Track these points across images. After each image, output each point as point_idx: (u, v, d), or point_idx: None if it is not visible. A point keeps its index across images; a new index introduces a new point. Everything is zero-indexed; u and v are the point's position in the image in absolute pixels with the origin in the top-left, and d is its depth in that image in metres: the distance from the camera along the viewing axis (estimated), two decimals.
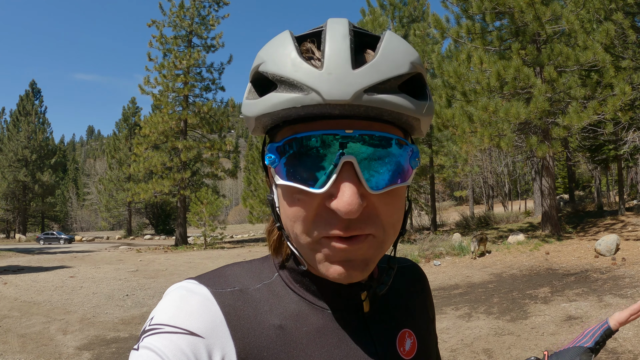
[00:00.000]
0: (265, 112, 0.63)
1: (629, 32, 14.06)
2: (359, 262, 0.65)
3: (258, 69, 0.65)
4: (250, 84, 0.69)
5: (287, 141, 0.64)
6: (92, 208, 78.99)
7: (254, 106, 0.65)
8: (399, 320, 0.82)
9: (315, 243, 0.65)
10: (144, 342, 0.63)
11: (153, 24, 33.54)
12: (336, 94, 0.58)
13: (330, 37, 0.62)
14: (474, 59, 14.67)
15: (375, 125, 0.64)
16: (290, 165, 0.64)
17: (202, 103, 33.70)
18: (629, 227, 15.58)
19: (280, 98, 0.61)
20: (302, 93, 0.59)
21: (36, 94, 58.58)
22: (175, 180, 32.50)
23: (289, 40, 0.64)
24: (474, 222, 25.72)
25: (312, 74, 0.59)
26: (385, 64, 0.62)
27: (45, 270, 17.65)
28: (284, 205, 0.67)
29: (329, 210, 0.63)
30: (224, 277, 0.74)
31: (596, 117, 13.16)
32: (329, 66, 0.59)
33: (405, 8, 25.00)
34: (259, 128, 0.69)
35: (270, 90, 0.65)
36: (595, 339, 0.89)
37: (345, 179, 0.61)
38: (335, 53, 0.60)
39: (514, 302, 8.73)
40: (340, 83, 0.59)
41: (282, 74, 0.61)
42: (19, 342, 7.74)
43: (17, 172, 53.63)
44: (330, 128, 0.62)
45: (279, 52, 0.63)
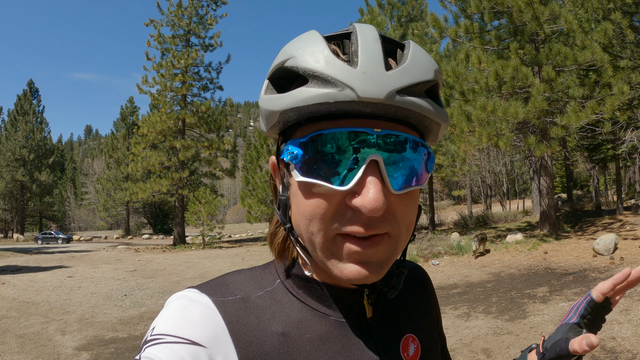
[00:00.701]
0: (293, 106, 0.62)
1: (627, 32, 14.07)
2: (374, 264, 0.65)
3: (284, 64, 0.65)
4: (268, 81, 0.70)
5: (313, 137, 0.63)
6: (90, 208, 78.91)
7: (279, 100, 0.64)
8: (402, 325, 0.82)
9: (330, 242, 0.65)
10: (145, 352, 0.62)
11: (151, 23, 33.52)
12: (371, 92, 0.59)
13: (363, 39, 0.63)
14: (473, 58, 14.68)
15: (399, 126, 0.65)
16: (313, 161, 0.63)
17: (200, 102, 33.69)
18: (627, 226, 15.59)
19: (312, 93, 0.60)
20: (336, 89, 0.59)
21: (34, 93, 58.57)
22: (174, 179, 32.49)
23: (320, 38, 0.65)
24: (472, 221, 25.74)
25: (347, 71, 0.60)
26: (415, 68, 0.64)
27: (43, 270, 17.63)
28: (301, 202, 0.66)
29: (349, 207, 0.63)
30: (225, 286, 0.74)
31: (594, 116, 13.17)
32: (364, 65, 0.60)
33: (403, 7, 24.97)
34: (279, 124, 0.68)
35: (291, 87, 0.65)
36: (580, 313, 0.89)
37: (371, 177, 0.61)
38: (369, 53, 0.62)
39: (513, 301, 8.74)
40: (375, 82, 0.60)
41: (315, 68, 0.61)
42: (18, 343, 7.73)
43: (15, 172, 53.61)
44: (358, 126, 0.62)
45: (310, 48, 0.63)
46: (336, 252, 0.65)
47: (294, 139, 0.66)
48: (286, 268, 0.78)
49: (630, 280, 0.86)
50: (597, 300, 0.88)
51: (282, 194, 0.72)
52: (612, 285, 0.87)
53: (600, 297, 0.88)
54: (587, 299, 0.89)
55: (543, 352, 0.90)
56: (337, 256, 0.65)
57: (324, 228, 0.64)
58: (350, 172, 0.62)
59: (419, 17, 25.15)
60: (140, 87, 33.30)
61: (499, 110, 13.49)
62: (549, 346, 0.89)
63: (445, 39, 16.82)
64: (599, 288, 0.88)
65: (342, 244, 0.64)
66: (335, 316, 0.75)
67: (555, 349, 0.87)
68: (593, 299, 0.88)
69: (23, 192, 55.74)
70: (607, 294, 0.87)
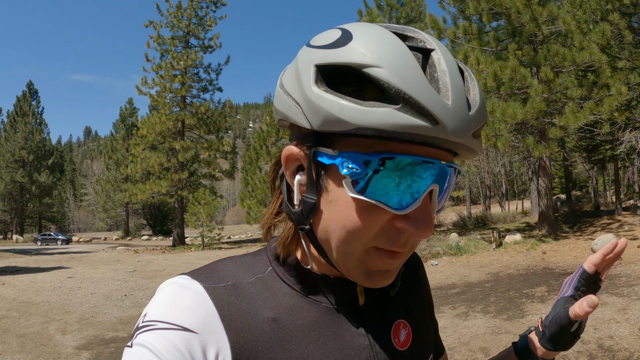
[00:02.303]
0: (378, 127, 0.57)
1: (625, 33, 14.10)
2: (393, 270, 0.69)
3: (364, 69, 0.59)
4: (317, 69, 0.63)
5: (384, 159, 0.60)
6: (90, 209, 78.91)
7: (360, 114, 0.58)
8: (394, 311, 0.83)
9: (364, 253, 0.66)
10: (137, 339, 0.62)
11: (150, 24, 33.53)
12: (459, 134, 0.59)
13: (450, 68, 0.61)
14: (471, 59, 14.68)
15: (450, 156, 0.66)
16: (376, 181, 0.61)
17: (199, 104, 33.69)
18: (626, 226, 15.62)
19: (405, 120, 0.56)
20: (429, 123, 0.57)
21: (33, 94, 58.45)
22: (173, 180, 32.47)
23: (410, 53, 0.60)
24: (471, 222, 25.70)
25: (442, 107, 0.58)
26: (483, 109, 0.64)
27: (43, 270, 17.63)
28: (344, 214, 0.64)
29: (394, 227, 0.64)
30: (216, 272, 0.74)
31: (592, 117, 13.19)
32: (455, 103, 0.59)
33: (402, 9, 24.99)
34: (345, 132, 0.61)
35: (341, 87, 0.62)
36: (574, 285, 0.92)
37: (425, 205, 0.64)
38: (458, 90, 0.60)
39: (511, 301, 8.75)
40: (461, 122, 0.59)
41: (412, 94, 0.57)
42: (18, 342, 7.74)
43: (14, 173, 53.51)
44: (428, 155, 0.62)
45: (404, 64, 0.58)
46: (366, 262, 0.67)
47: (355, 152, 0.62)
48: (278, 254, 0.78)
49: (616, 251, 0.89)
50: (589, 271, 0.91)
51: (309, 195, 0.68)
52: (602, 255, 0.89)
53: (592, 268, 0.90)
54: (580, 271, 0.92)
55: (543, 330, 0.93)
56: (366, 266, 0.67)
57: (365, 243, 0.65)
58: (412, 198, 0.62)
59: (418, 18, 25.16)
60: (139, 88, 33.27)
61: (498, 111, 13.50)
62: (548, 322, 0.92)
63: (444, 40, 16.82)
64: (590, 259, 0.91)
65: (375, 256, 0.66)
66: (327, 303, 0.75)
67: (556, 321, 0.90)
68: (585, 270, 0.91)
69: (22, 193, 55.63)
70: (598, 264, 0.90)
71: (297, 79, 0.65)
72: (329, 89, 0.61)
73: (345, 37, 0.62)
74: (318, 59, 0.62)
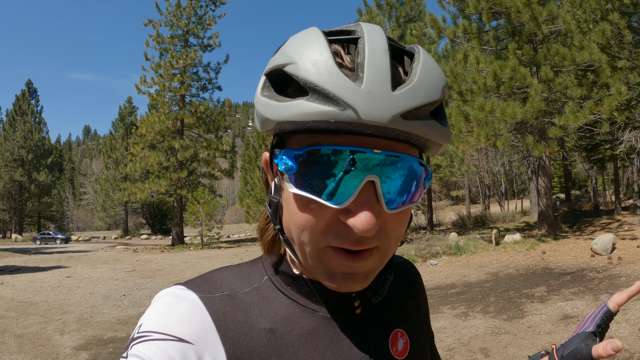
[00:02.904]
0: (291, 119, 0.59)
1: (625, 32, 14.08)
2: (360, 275, 0.66)
3: (284, 68, 0.61)
4: (266, 78, 0.65)
5: (310, 151, 0.60)
6: (89, 208, 78.92)
7: (277, 109, 0.60)
8: (391, 320, 0.82)
9: (320, 251, 0.65)
10: (132, 350, 0.62)
11: (149, 23, 33.51)
12: (374, 115, 0.56)
13: (371, 50, 0.60)
14: (471, 58, 14.69)
15: (398, 145, 0.63)
16: (308, 175, 0.61)
17: (198, 103, 33.68)
18: (625, 226, 15.61)
19: (312, 109, 0.57)
20: (337, 108, 0.56)
21: (32, 93, 58.43)
22: (172, 180, 32.46)
23: (324, 44, 0.60)
24: (470, 221, 25.72)
25: (351, 90, 0.57)
26: (422, 88, 0.61)
27: (42, 270, 17.63)
28: (293, 212, 0.65)
29: (341, 223, 0.62)
30: (212, 282, 0.74)
31: (592, 117, 13.19)
32: (369, 84, 0.57)
33: (401, 8, 24.96)
34: (274, 130, 0.65)
35: (288, 90, 0.63)
36: (597, 323, 0.89)
37: (366, 197, 0.61)
38: (376, 70, 0.58)
39: (511, 301, 8.74)
40: (379, 104, 0.57)
41: (316, 82, 0.57)
42: (16, 343, 7.73)
43: (14, 172, 53.52)
44: (357, 144, 0.61)
45: (313, 56, 0.59)
46: (325, 262, 0.65)
47: (289, 148, 0.63)
48: (274, 264, 0.78)
49: None
50: (614, 311, 0.88)
51: (273, 195, 0.71)
52: (627, 297, 0.87)
53: (616, 308, 0.88)
54: (604, 309, 0.90)
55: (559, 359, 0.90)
56: (326, 266, 0.65)
57: (315, 240, 0.64)
58: (346, 190, 0.60)
59: (418, 17, 25.15)
60: (138, 87, 33.28)
61: (497, 110, 13.50)
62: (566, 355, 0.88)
63: (444, 39, 16.85)
64: (615, 300, 0.88)
65: (332, 256, 0.64)
66: (324, 312, 0.75)
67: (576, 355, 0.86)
68: (610, 309, 0.89)
69: (21, 192, 55.64)
70: (622, 304, 0.88)
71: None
72: (272, 93, 0.63)
73: (282, 44, 0.66)
74: (266, 68, 0.66)
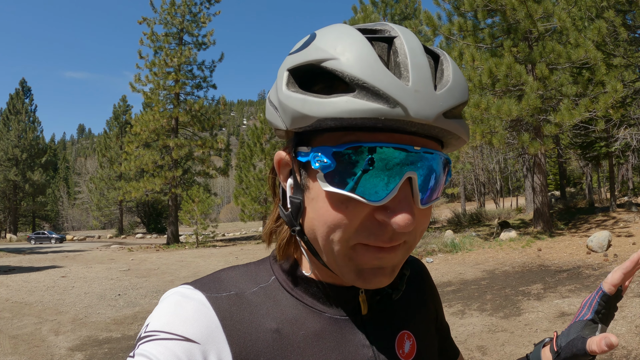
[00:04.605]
0: (336, 116, 0.58)
1: (621, 30, 14.13)
2: (389, 268, 0.67)
3: (322, 63, 0.60)
4: (289, 74, 0.65)
5: (351, 148, 0.60)
6: (83, 207, 78.69)
7: (318, 106, 0.59)
8: (398, 321, 0.82)
9: (350, 249, 0.65)
10: (139, 349, 0.62)
11: (144, 21, 33.40)
12: (422, 113, 0.58)
13: (411, 50, 0.60)
14: (466, 56, 14.69)
15: (430, 143, 0.65)
16: (346, 172, 0.61)
17: (193, 101, 33.64)
18: (621, 223, 15.66)
19: (362, 106, 0.57)
20: (387, 105, 0.57)
21: (26, 92, 58.25)
22: (167, 178, 32.42)
23: (366, 41, 0.60)
24: (466, 219, 25.78)
25: (400, 88, 0.57)
26: (457, 89, 0.63)
27: (36, 270, 17.56)
28: (324, 210, 0.64)
29: (375, 220, 0.62)
30: (219, 282, 0.73)
31: (588, 114, 13.21)
32: (415, 82, 0.58)
33: (397, 5, 24.98)
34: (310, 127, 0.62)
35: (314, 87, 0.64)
36: (594, 309, 0.87)
37: (405, 194, 0.62)
38: (420, 69, 0.59)
39: (507, 298, 8.75)
40: (426, 102, 0.58)
41: (366, 79, 0.57)
42: (11, 344, 7.68)
43: (8, 172, 53.34)
44: (398, 142, 0.61)
45: (359, 52, 0.59)
46: (355, 259, 0.65)
47: (325, 145, 0.63)
48: (282, 265, 0.78)
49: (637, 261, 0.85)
50: (610, 293, 0.86)
51: (295, 196, 0.69)
52: (622, 275, 0.85)
53: (612, 290, 0.86)
54: (600, 293, 0.87)
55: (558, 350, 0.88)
56: (355, 263, 0.65)
57: (347, 238, 0.64)
58: (386, 188, 0.61)
59: (413, 15, 25.17)
60: (133, 85, 33.19)
61: (493, 107, 13.51)
62: (564, 345, 0.87)
63: (439, 36, 16.87)
64: (609, 280, 0.86)
65: (363, 253, 0.64)
66: (330, 313, 0.75)
67: (572, 348, 0.85)
68: (605, 292, 0.86)
69: (16, 191, 55.47)
70: (618, 284, 0.86)
71: (275, 86, 0.68)
72: (299, 89, 0.63)
73: (311, 39, 0.65)
74: (289, 64, 0.65)
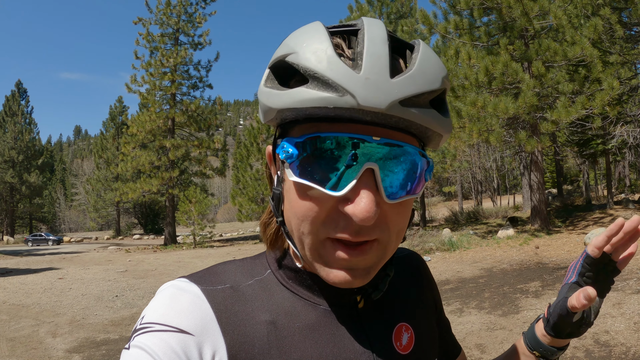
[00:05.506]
0: (291, 106, 0.60)
1: (617, 27, 14.14)
2: (361, 270, 0.66)
3: (285, 58, 0.62)
4: (269, 71, 0.67)
5: (310, 138, 0.61)
6: (80, 208, 78.55)
7: (278, 97, 0.62)
8: (395, 314, 0.82)
9: (319, 244, 0.65)
10: (134, 341, 0.63)
11: (139, 21, 33.38)
12: (372, 101, 0.57)
13: (370, 39, 0.60)
14: (462, 54, 14.70)
15: (397, 134, 0.63)
16: (308, 163, 0.62)
17: (189, 101, 33.62)
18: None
19: (312, 95, 0.58)
20: (336, 94, 0.57)
21: (22, 94, 58.05)
22: (164, 179, 32.40)
23: (325, 34, 0.61)
24: (463, 217, 25.77)
25: (349, 76, 0.57)
26: (420, 76, 0.61)
27: (33, 272, 17.50)
28: (294, 202, 0.65)
29: (341, 213, 0.62)
30: (215, 275, 0.74)
31: (584, 111, 13.23)
32: (367, 70, 0.58)
33: (392, 4, 24.97)
34: (276, 119, 0.65)
35: (291, 81, 0.65)
36: (578, 271, 0.86)
37: (365, 185, 0.61)
38: (374, 57, 0.59)
39: (505, 296, 8.75)
40: (377, 90, 0.57)
41: (316, 69, 0.58)
42: (8, 346, 7.65)
43: (4, 174, 53.12)
44: (356, 132, 0.61)
45: (313, 45, 0.60)
46: (324, 256, 0.65)
47: (291, 136, 0.64)
48: (277, 258, 0.78)
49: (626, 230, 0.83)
50: (593, 255, 0.84)
51: (276, 187, 0.71)
52: (605, 237, 0.84)
53: (595, 252, 0.84)
54: (584, 255, 0.86)
55: (548, 317, 0.89)
56: (325, 259, 0.65)
57: (314, 231, 0.64)
58: (345, 178, 0.61)
59: (409, 13, 25.17)
60: (129, 86, 33.16)
61: (489, 106, 13.51)
62: (552, 310, 0.87)
63: (435, 35, 16.83)
64: (594, 243, 0.85)
65: (331, 249, 0.64)
66: (326, 306, 0.75)
67: (557, 310, 0.85)
68: (589, 254, 0.85)
69: (12, 193, 55.27)
70: (601, 247, 0.84)
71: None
72: (274, 84, 0.64)
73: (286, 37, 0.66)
74: (270, 62, 0.67)
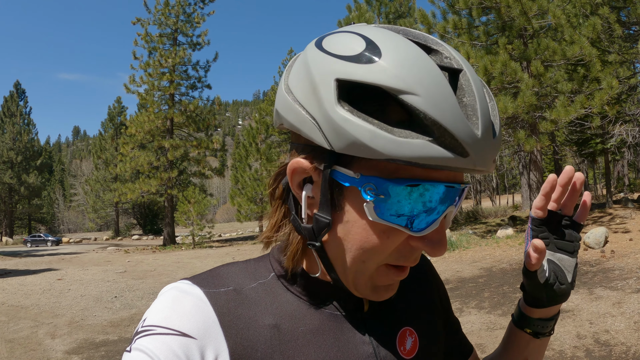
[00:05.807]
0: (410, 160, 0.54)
1: (615, 27, 14.13)
2: (397, 283, 0.71)
3: (401, 95, 0.54)
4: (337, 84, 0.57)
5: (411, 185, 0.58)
6: (79, 209, 78.53)
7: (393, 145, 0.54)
8: (399, 318, 0.81)
9: (375, 271, 0.67)
10: (136, 343, 0.62)
11: (138, 21, 33.34)
12: (483, 163, 0.58)
13: (478, 93, 0.58)
14: (461, 54, 14.61)
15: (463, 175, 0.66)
16: (398, 206, 0.60)
17: (188, 101, 33.61)
18: (617, 219, 15.66)
19: (439, 153, 0.54)
20: (461, 155, 0.55)
21: (21, 94, 58.07)
22: (162, 179, 32.38)
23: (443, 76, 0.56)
24: (462, 217, 25.78)
25: (472, 137, 0.56)
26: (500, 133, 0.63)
27: (32, 273, 17.48)
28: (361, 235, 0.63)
29: (409, 246, 0.64)
30: (218, 277, 0.73)
31: (583, 111, 13.22)
32: (482, 131, 0.57)
33: (391, 4, 25.00)
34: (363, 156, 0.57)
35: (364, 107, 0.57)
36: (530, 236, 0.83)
37: (442, 225, 0.64)
38: (486, 118, 0.58)
39: (505, 296, 8.74)
40: (486, 152, 0.58)
41: (447, 125, 0.54)
42: (7, 348, 7.64)
43: (3, 174, 53.12)
44: (447, 180, 0.61)
45: (439, 91, 0.54)
46: (374, 278, 0.67)
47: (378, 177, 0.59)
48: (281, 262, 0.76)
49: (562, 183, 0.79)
50: (537, 216, 0.82)
51: (322, 215, 0.64)
52: (542, 197, 0.80)
53: (538, 213, 0.81)
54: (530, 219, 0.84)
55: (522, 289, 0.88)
56: (374, 281, 0.68)
57: (378, 261, 0.65)
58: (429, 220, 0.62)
59: (407, 13, 25.23)
60: (127, 86, 33.12)
61: None
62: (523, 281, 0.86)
63: (434, 34, 16.81)
64: (535, 205, 0.82)
65: (384, 273, 0.67)
66: (330, 309, 0.74)
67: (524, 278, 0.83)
68: (534, 217, 0.83)
69: (11, 194, 55.26)
70: (542, 206, 0.81)
71: (312, 91, 0.59)
72: (352, 108, 0.56)
73: (372, 52, 0.56)
74: (339, 73, 0.56)
